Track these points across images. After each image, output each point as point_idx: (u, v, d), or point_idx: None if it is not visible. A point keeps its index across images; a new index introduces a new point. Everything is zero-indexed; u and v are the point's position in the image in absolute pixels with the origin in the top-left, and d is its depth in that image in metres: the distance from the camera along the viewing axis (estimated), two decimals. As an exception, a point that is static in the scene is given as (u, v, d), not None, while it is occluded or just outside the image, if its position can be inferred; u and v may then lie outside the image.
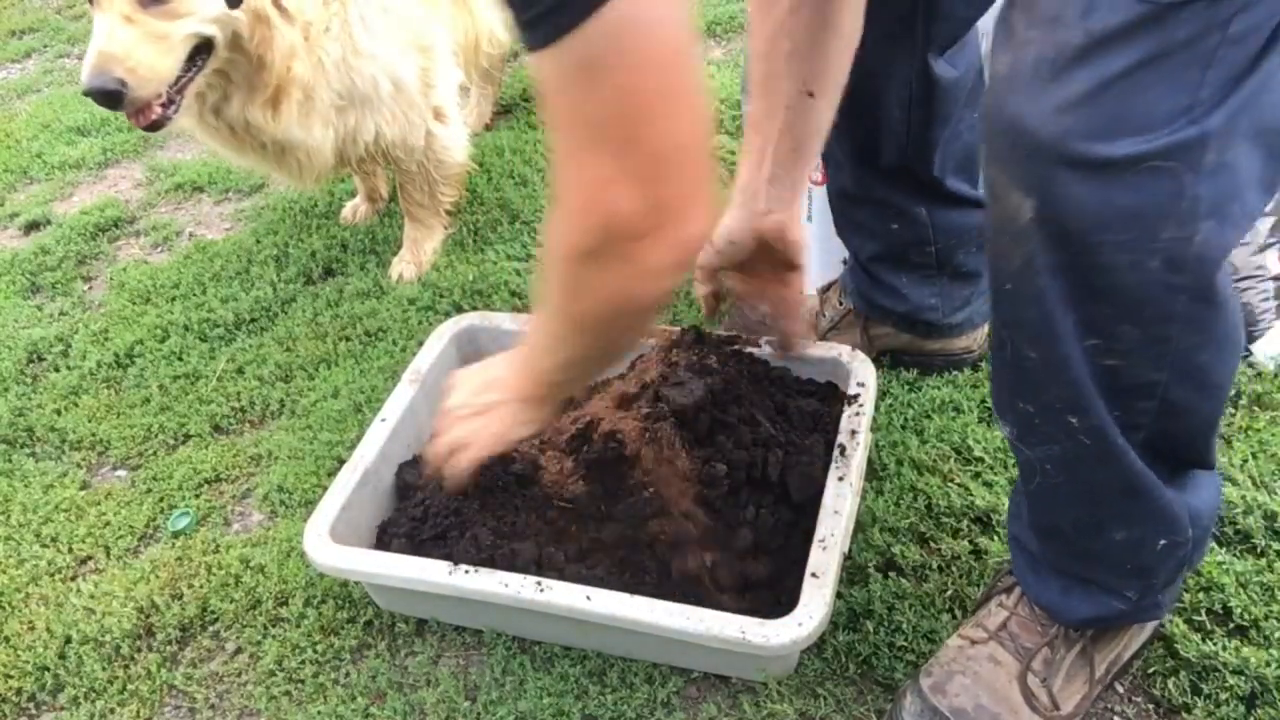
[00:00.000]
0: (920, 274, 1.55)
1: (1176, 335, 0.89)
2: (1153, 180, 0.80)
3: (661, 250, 0.88)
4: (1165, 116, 0.79)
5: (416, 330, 1.92)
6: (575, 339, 1.03)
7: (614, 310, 0.95)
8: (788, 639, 1.12)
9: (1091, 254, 0.84)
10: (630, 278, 0.90)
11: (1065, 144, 0.81)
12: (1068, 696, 1.14)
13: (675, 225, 0.87)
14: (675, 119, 0.84)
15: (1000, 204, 0.88)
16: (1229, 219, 0.84)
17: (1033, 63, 0.82)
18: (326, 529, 1.31)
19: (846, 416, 1.38)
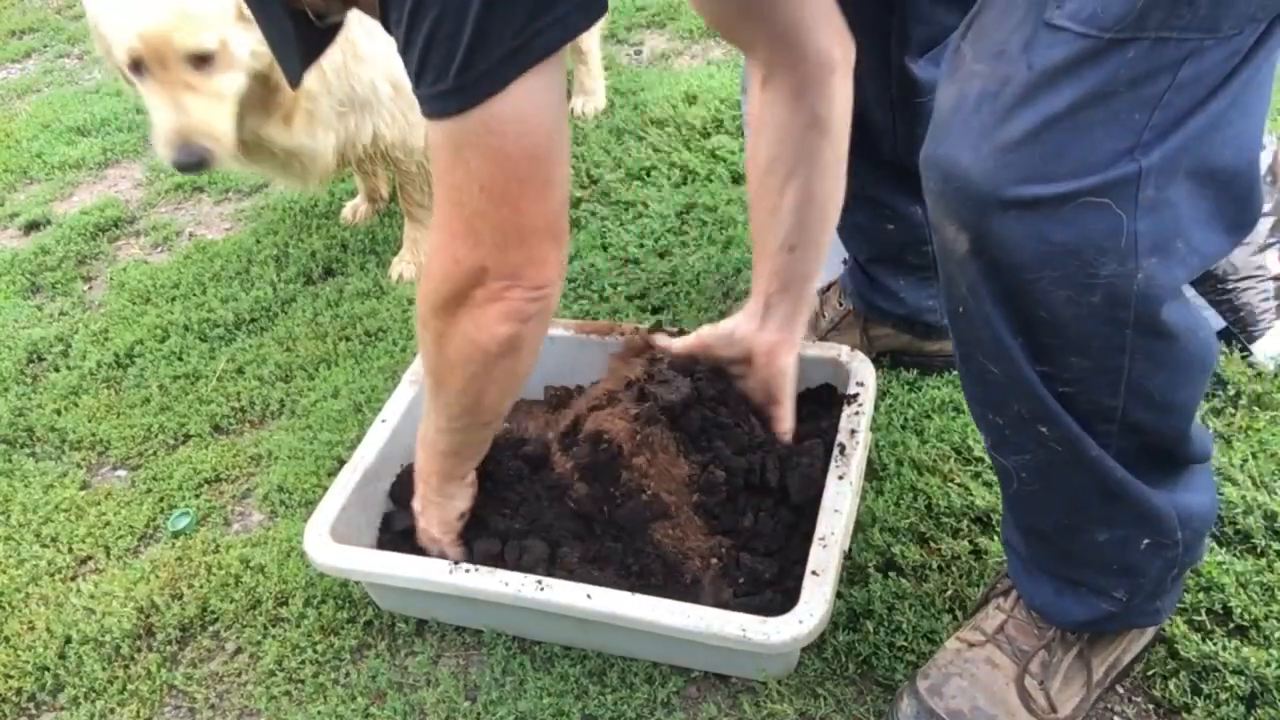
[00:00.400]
0: (918, 275, 1.55)
1: (1128, 365, 0.89)
2: (1088, 216, 0.80)
3: (496, 297, 1.00)
4: (1107, 157, 0.78)
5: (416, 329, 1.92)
6: (442, 395, 1.14)
7: (464, 357, 1.06)
8: (789, 636, 1.12)
9: (1029, 289, 0.84)
10: (472, 324, 1.02)
11: (1000, 188, 0.80)
12: (1065, 699, 1.14)
13: (511, 280, 0.99)
14: (529, 204, 0.95)
15: (939, 234, 0.89)
16: (1174, 255, 0.83)
17: (975, 99, 0.82)
18: (326, 529, 1.31)
19: (846, 416, 1.38)
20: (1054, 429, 0.94)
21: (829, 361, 1.48)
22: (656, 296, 1.91)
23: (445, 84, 0.89)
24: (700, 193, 2.18)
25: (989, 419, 1.00)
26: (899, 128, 1.38)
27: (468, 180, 0.94)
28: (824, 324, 1.66)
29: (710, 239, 2.03)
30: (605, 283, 1.96)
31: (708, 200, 2.14)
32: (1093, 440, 0.94)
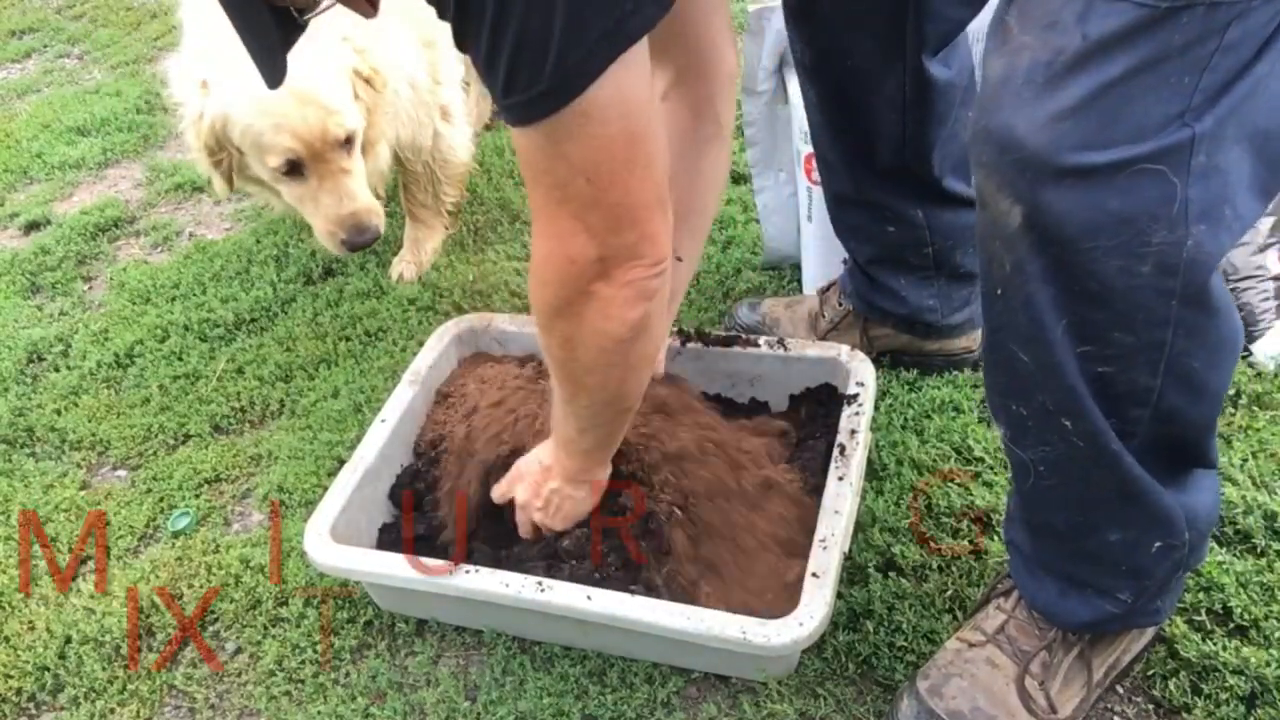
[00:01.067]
0: (918, 276, 1.55)
1: (1170, 340, 0.88)
2: (1143, 183, 0.80)
3: (621, 284, 0.99)
4: (1159, 121, 0.79)
5: (416, 330, 1.92)
6: (581, 398, 1.12)
7: (596, 350, 1.05)
8: (789, 639, 1.12)
9: (1082, 260, 0.84)
10: (599, 315, 1.01)
11: (1056, 155, 0.81)
12: (1065, 700, 1.14)
13: (628, 264, 0.99)
14: (632, 184, 0.95)
15: (988, 210, 0.88)
16: (1221, 222, 0.83)
17: (1027, 69, 0.82)
18: (327, 529, 1.31)
19: (846, 416, 1.38)
20: (1078, 422, 0.94)
21: (829, 361, 1.48)
22: (656, 296, 1.90)
23: (541, 84, 0.87)
24: (700, 192, 2.18)
25: (1011, 410, 0.99)
26: (909, 128, 1.38)
27: (570, 175, 0.93)
28: (824, 324, 1.66)
29: (710, 239, 2.03)
30: (605, 283, 1.95)
31: (708, 200, 2.14)
32: (1115, 435, 0.94)
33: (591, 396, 1.12)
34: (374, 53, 1.73)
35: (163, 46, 3.41)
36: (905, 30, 1.29)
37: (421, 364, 1.57)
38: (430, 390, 1.57)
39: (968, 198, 1.47)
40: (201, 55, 1.67)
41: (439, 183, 2.06)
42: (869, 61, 1.32)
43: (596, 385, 1.10)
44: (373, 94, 1.73)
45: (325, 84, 1.64)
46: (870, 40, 1.31)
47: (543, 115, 0.90)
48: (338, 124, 1.63)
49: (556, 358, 1.09)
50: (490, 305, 1.96)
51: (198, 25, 1.71)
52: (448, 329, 1.64)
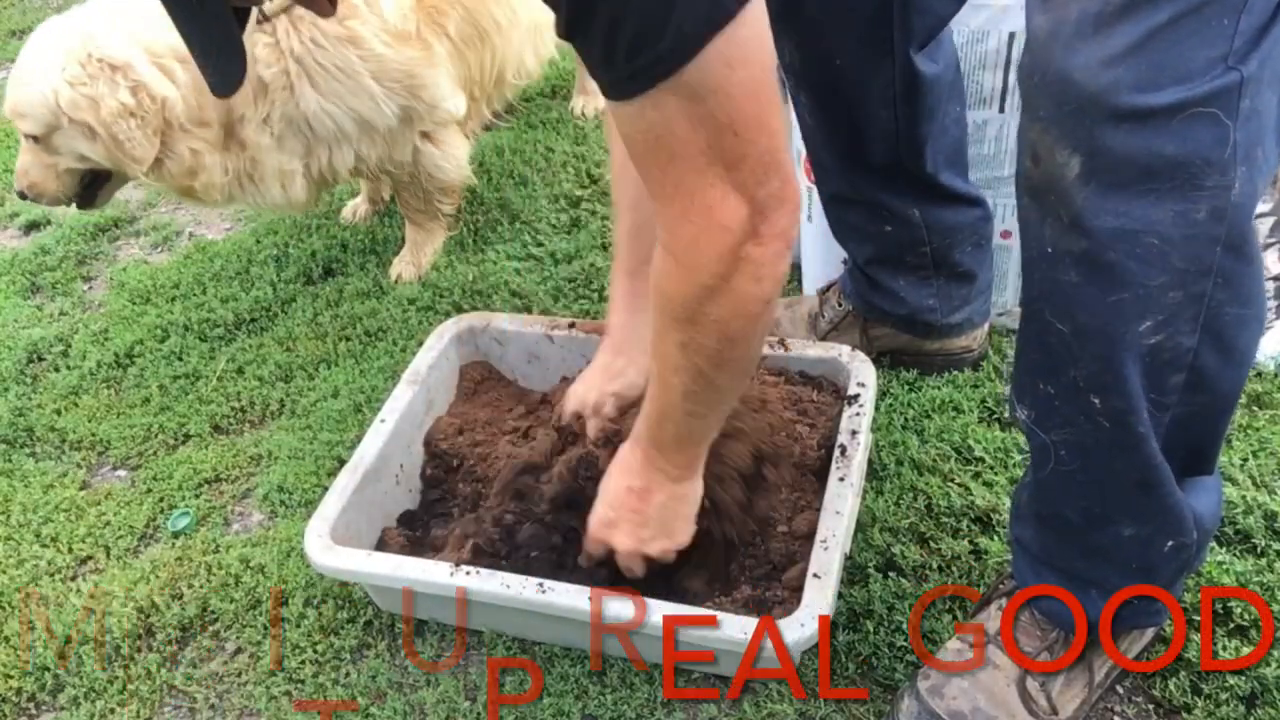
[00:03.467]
0: (917, 275, 1.55)
1: (1211, 291, 0.89)
2: (1197, 127, 0.82)
3: (770, 240, 0.94)
4: (1205, 64, 0.81)
5: (416, 330, 1.92)
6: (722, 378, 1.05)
7: (746, 320, 0.99)
8: (790, 639, 1.12)
9: (1138, 208, 0.85)
10: (751, 280, 0.96)
11: (1113, 96, 0.82)
12: (1067, 701, 1.14)
13: (776, 213, 0.94)
14: (769, 131, 0.91)
15: (1042, 165, 0.88)
16: (1256, 165, 0.85)
17: (1076, 19, 0.83)
18: (327, 531, 1.31)
19: (846, 416, 1.38)
20: (1108, 398, 0.94)
21: (829, 361, 1.48)
22: (656, 296, 1.90)
23: (666, 40, 0.83)
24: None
25: (1038, 389, 0.99)
26: (900, 125, 1.38)
27: (718, 133, 0.88)
28: (824, 324, 1.66)
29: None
30: (605, 282, 1.95)
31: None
32: (1145, 415, 0.94)
33: (731, 376, 1.06)
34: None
35: (162, 46, 3.41)
36: (891, 26, 1.30)
37: (421, 364, 1.57)
38: (430, 390, 1.57)
39: (963, 193, 1.48)
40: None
41: (430, 193, 2.05)
42: (856, 60, 1.33)
43: (740, 358, 1.04)
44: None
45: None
46: (857, 38, 1.31)
47: (679, 65, 0.84)
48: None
49: (705, 348, 1.01)
50: (490, 305, 1.96)
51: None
52: (447, 328, 1.64)
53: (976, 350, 1.64)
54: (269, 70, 1.72)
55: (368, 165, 1.93)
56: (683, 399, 1.07)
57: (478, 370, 1.65)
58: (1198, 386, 0.95)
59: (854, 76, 1.34)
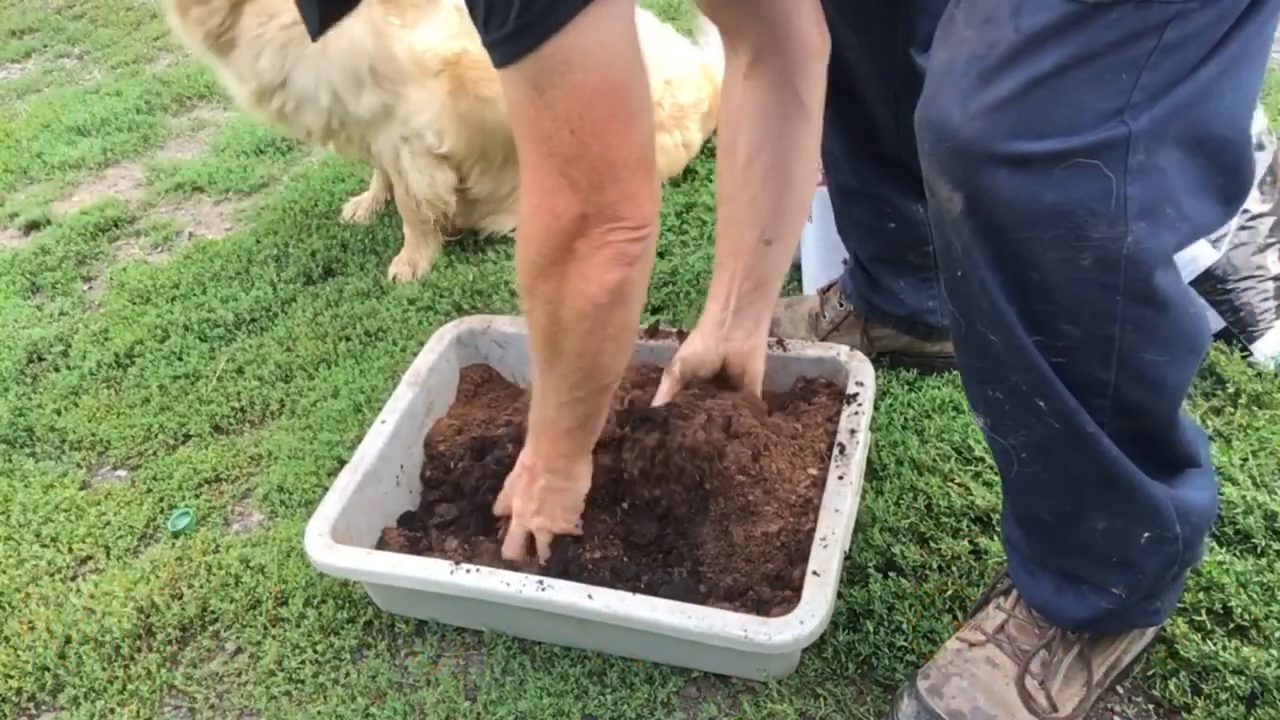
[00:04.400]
0: (919, 276, 1.55)
1: (1119, 334, 0.89)
2: (1079, 177, 0.81)
3: (600, 244, 1.00)
4: (1095, 117, 0.80)
5: (416, 330, 1.92)
6: (559, 366, 1.12)
7: (576, 314, 1.05)
8: (790, 637, 1.12)
9: (1021, 250, 0.85)
10: (580, 278, 1.02)
11: (989, 143, 0.82)
12: (1066, 699, 1.14)
13: (612, 222, 0.99)
14: (618, 137, 0.95)
15: (934, 196, 0.89)
16: (1163, 221, 0.84)
17: (965, 61, 0.83)
18: (327, 530, 1.31)
19: (846, 416, 1.38)
20: (1051, 402, 0.94)
21: (829, 361, 1.49)
22: (656, 296, 1.91)
23: (509, 26, 0.90)
24: (700, 192, 2.18)
25: (989, 395, 0.99)
26: (901, 123, 1.38)
27: (555, 126, 0.94)
28: (824, 324, 1.66)
29: (710, 239, 2.03)
30: (605, 283, 1.95)
31: (708, 200, 2.14)
32: (1089, 416, 0.94)
33: (569, 365, 1.12)
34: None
35: (163, 46, 3.42)
36: (896, 25, 1.30)
37: (421, 365, 1.57)
38: (431, 391, 1.57)
39: None
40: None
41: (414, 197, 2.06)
42: (863, 53, 1.33)
43: (574, 353, 1.10)
44: None
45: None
46: (865, 34, 1.32)
47: (518, 55, 0.91)
48: None
49: (538, 322, 1.09)
50: (490, 305, 1.96)
51: None
52: (447, 330, 1.64)
53: (976, 351, 1.63)
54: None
55: (339, 138, 1.98)
56: (537, 379, 1.16)
57: (478, 373, 1.65)
58: (1128, 413, 0.95)
59: (860, 71, 1.35)
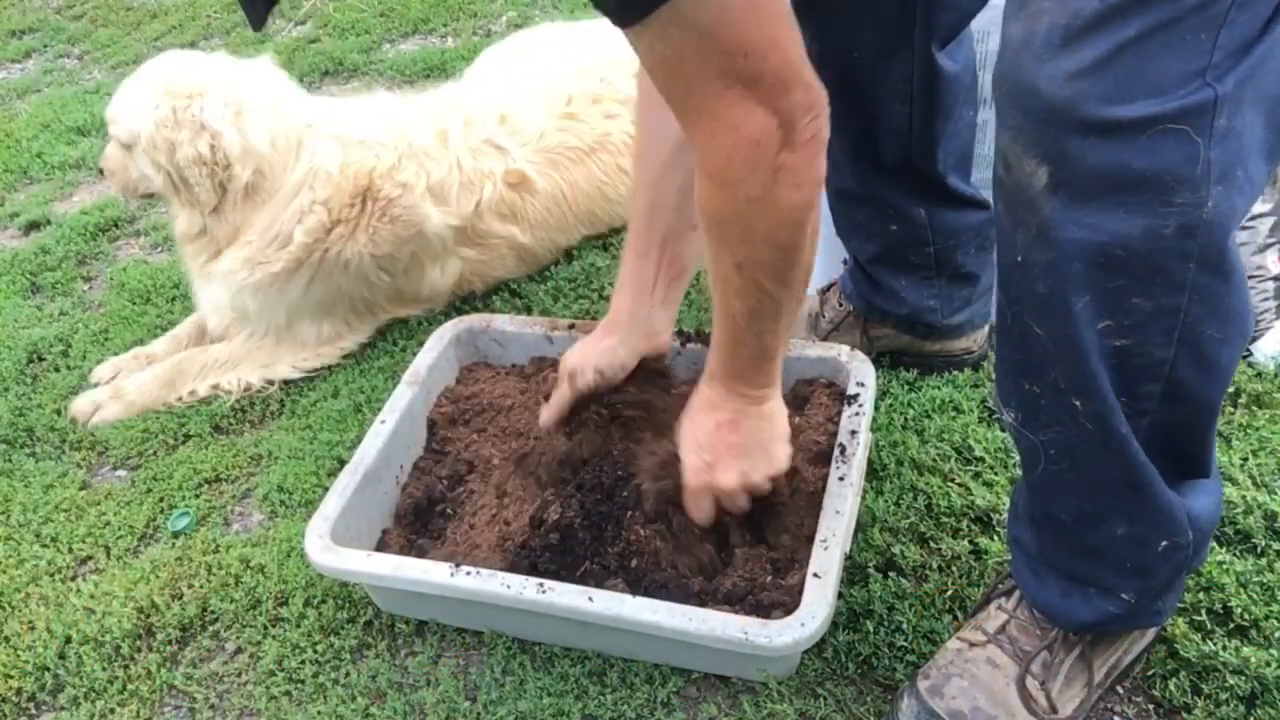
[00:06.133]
0: (919, 276, 1.55)
1: (1185, 307, 0.89)
2: (1167, 143, 0.81)
3: (803, 146, 0.97)
4: (1178, 79, 0.80)
5: (416, 330, 1.92)
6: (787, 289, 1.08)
7: (794, 226, 1.02)
8: (790, 639, 1.12)
9: (1105, 221, 0.85)
10: (791, 187, 0.99)
11: (1079, 108, 0.82)
12: (1066, 700, 1.14)
13: (804, 119, 0.96)
14: (783, 38, 0.94)
15: (1013, 173, 0.88)
16: (1235, 184, 0.84)
17: (1046, 31, 0.83)
18: (327, 531, 1.31)
19: (846, 416, 1.38)
20: (1088, 401, 0.94)
21: (829, 361, 1.48)
22: (656, 296, 1.90)
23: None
24: (700, 192, 2.18)
25: (1024, 389, 0.99)
26: (915, 121, 1.38)
27: (728, 57, 0.91)
28: (824, 324, 1.66)
29: (710, 239, 2.03)
30: (605, 281, 1.95)
31: (708, 200, 2.14)
32: (1124, 417, 0.94)
33: (792, 282, 1.08)
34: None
35: (163, 46, 3.42)
36: (914, 20, 1.29)
37: (421, 365, 1.57)
38: (430, 391, 1.57)
39: (969, 197, 1.48)
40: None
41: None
42: (875, 53, 1.32)
43: (796, 265, 1.06)
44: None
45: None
46: (878, 32, 1.31)
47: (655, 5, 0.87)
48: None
49: (757, 263, 1.04)
50: (490, 305, 1.96)
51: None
52: (447, 330, 1.64)
53: (977, 352, 1.63)
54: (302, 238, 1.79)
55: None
56: (750, 320, 1.10)
57: (477, 371, 1.65)
58: (1177, 397, 0.95)
59: (872, 70, 1.34)
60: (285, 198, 1.80)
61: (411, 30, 3.20)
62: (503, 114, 1.97)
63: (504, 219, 1.93)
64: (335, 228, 1.80)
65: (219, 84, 1.78)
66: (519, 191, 1.93)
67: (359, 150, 1.82)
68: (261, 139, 1.78)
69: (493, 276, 1.98)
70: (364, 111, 1.91)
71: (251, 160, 1.77)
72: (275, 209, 1.80)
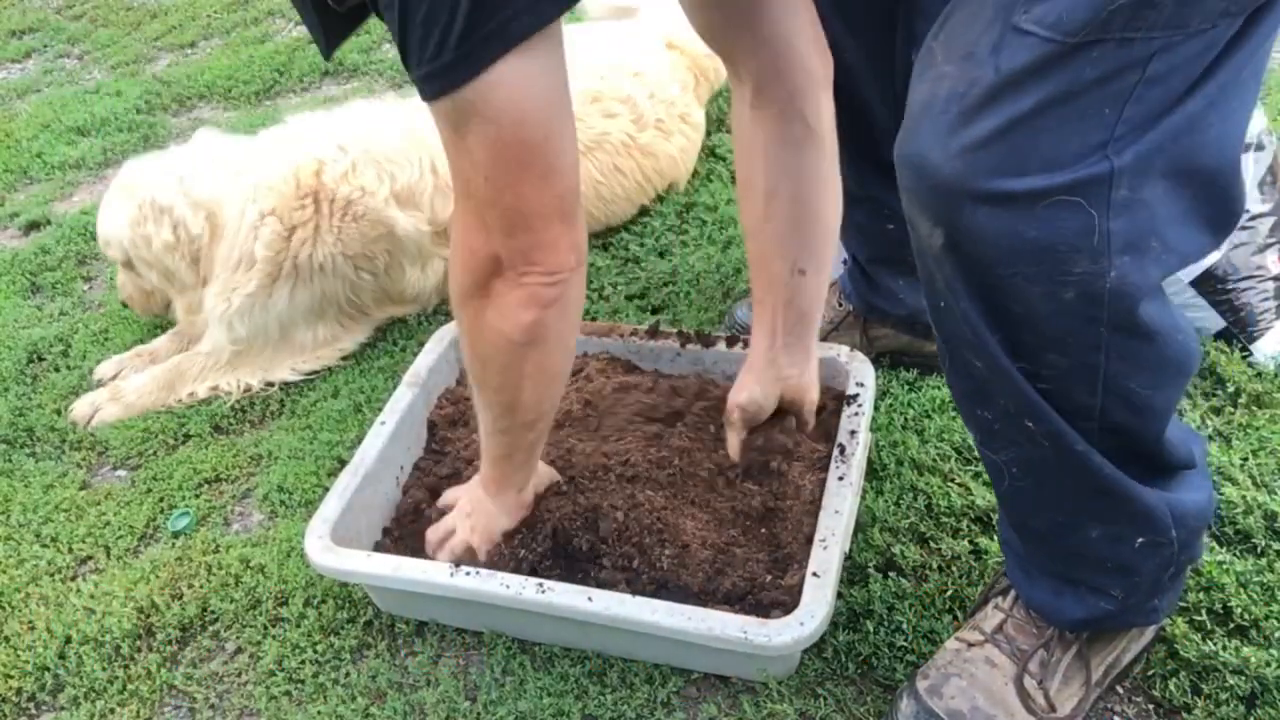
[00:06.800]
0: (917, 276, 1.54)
1: (1104, 364, 0.89)
2: (1061, 214, 0.81)
3: (514, 285, 1.02)
4: (1076, 153, 0.79)
5: (416, 330, 1.92)
6: (485, 395, 1.16)
7: (493, 348, 1.08)
8: (790, 638, 1.12)
9: (1004, 285, 0.85)
10: (496, 313, 1.05)
11: (971, 181, 0.81)
12: (1064, 699, 1.14)
13: (525, 266, 1.01)
14: (532, 189, 0.96)
15: (915, 232, 0.89)
16: (1147, 254, 0.84)
17: (944, 98, 0.83)
18: (327, 531, 1.31)
19: (846, 416, 1.38)
20: (1039, 424, 0.94)
21: (828, 362, 1.48)
22: (656, 296, 1.91)
23: (429, 65, 0.91)
24: (700, 192, 2.18)
25: (977, 414, 1.00)
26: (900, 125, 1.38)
27: (473, 170, 0.97)
28: (824, 324, 1.66)
29: (710, 239, 2.03)
30: (605, 282, 1.96)
31: (708, 200, 2.14)
32: (1078, 436, 0.94)
33: (491, 398, 1.15)
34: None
35: (163, 46, 3.42)
36: (895, 29, 1.30)
37: (422, 366, 1.57)
38: (430, 392, 1.57)
39: None
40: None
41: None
42: (859, 58, 1.33)
43: (495, 386, 1.13)
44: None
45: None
46: (865, 37, 1.31)
47: (438, 93, 0.93)
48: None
49: (465, 345, 1.14)
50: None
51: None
52: (447, 331, 1.64)
53: (976, 351, 1.63)
54: (264, 251, 1.81)
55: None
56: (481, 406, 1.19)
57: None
58: (1115, 433, 0.95)
59: (861, 73, 1.35)
60: (235, 221, 1.83)
61: (411, 30, 3.19)
62: None
63: None
64: (294, 233, 1.81)
65: (168, 167, 1.87)
66: None
67: (299, 155, 1.84)
68: (205, 187, 1.84)
69: None
70: (326, 122, 1.94)
71: (201, 209, 1.83)
72: (230, 236, 1.83)
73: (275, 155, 1.86)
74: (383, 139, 1.88)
